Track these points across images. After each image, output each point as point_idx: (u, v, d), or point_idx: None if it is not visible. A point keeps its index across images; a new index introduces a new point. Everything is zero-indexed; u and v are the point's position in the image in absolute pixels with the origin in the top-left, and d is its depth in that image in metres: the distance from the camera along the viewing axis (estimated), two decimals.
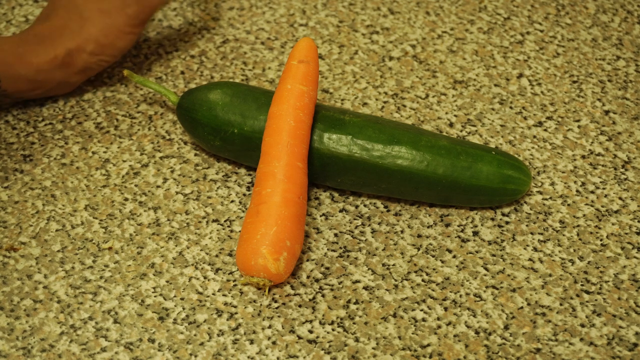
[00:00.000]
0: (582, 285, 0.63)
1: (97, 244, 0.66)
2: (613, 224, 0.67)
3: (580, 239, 0.66)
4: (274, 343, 0.60)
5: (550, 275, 0.64)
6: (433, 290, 0.63)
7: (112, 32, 0.72)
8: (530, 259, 0.65)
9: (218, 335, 0.60)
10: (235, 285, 0.63)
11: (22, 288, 0.63)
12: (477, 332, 0.61)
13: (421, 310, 0.62)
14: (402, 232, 0.67)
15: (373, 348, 0.60)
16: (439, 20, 0.84)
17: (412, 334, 0.61)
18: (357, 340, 0.60)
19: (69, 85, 0.74)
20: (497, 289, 0.63)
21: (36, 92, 0.73)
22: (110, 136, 0.73)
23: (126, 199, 0.69)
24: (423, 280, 0.64)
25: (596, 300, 0.63)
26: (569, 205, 0.68)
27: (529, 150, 0.72)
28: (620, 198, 0.69)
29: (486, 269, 0.64)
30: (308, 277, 0.64)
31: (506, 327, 0.61)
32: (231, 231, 0.67)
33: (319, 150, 0.66)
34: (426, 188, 0.66)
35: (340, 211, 0.68)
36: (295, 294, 0.63)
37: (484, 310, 0.62)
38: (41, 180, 0.70)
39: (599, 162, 0.71)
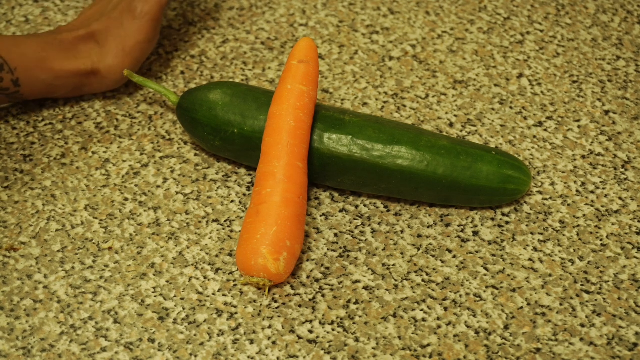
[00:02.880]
0: (582, 285, 0.63)
1: (97, 244, 0.66)
2: (613, 224, 0.67)
3: (580, 239, 0.66)
4: (274, 343, 0.60)
5: (550, 275, 0.64)
6: (433, 290, 0.63)
7: (131, 53, 0.72)
8: (530, 259, 0.65)
9: (218, 335, 0.60)
10: (235, 285, 0.63)
11: (22, 288, 0.63)
12: (477, 332, 0.61)
13: (421, 310, 0.62)
14: (402, 232, 0.67)
15: (373, 348, 0.60)
16: (439, 20, 0.84)
17: (412, 334, 0.61)
18: (357, 340, 0.60)
19: (80, 92, 0.74)
20: (497, 289, 0.63)
21: (50, 95, 0.73)
22: (110, 136, 0.73)
23: (126, 199, 0.69)
24: (423, 280, 0.64)
25: (596, 300, 0.63)
26: (569, 205, 0.68)
27: (529, 150, 0.72)
28: (620, 198, 0.69)
29: (486, 269, 0.64)
30: (308, 277, 0.64)
31: (506, 327, 0.61)
32: (231, 231, 0.67)
33: (319, 150, 0.66)
34: (426, 188, 0.66)
35: (340, 211, 0.68)
36: (295, 294, 0.63)
37: (484, 310, 0.62)
38: (41, 180, 0.70)
39: (599, 162, 0.71)
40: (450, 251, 0.65)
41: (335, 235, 0.66)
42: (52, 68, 0.70)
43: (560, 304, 0.62)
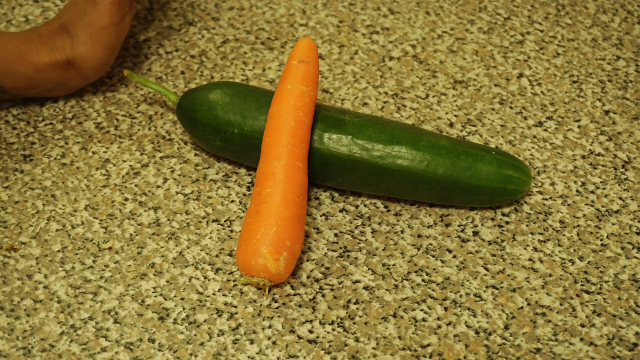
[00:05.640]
0: (582, 285, 0.63)
1: (97, 244, 0.66)
2: (613, 224, 0.67)
3: (580, 239, 0.66)
4: (274, 343, 0.60)
5: (550, 275, 0.64)
6: (433, 290, 0.63)
7: (99, 39, 0.72)
8: (530, 259, 0.65)
9: (218, 335, 0.60)
10: (235, 285, 0.63)
11: (23, 288, 0.63)
12: (477, 332, 0.61)
13: (421, 310, 0.62)
14: (402, 232, 0.67)
15: (373, 348, 0.60)
16: (439, 20, 0.84)
17: (412, 334, 0.61)
18: (357, 340, 0.60)
19: (68, 87, 0.74)
20: (497, 289, 0.63)
21: (35, 91, 0.73)
22: (111, 136, 0.73)
23: (126, 199, 0.69)
24: (423, 280, 0.64)
25: (596, 300, 0.63)
26: (569, 205, 0.68)
27: (529, 150, 0.72)
28: (620, 198, 0.69)
29: (486, 269, 0.64)
30: (308, 277, 0.64)
31: (506, 327, 0.61)
32: (231, 231, 0.67)
33: (319, 150, 0.66)
34: (426, 188, 0.66)
35: (340, 211, 0.68)
36: (295, 294, 0.63)
37: (484, 310, 0.62)
38: (41, 180, 0.70)
39: (599, 162, 0.71)
40: (450, 251, 0.65)
41: (335, 235, 0.66)
42: (32, 61, 0.71)
43: (560, 304, 0.62)
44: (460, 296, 0.63)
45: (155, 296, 0.63)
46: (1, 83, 0.70)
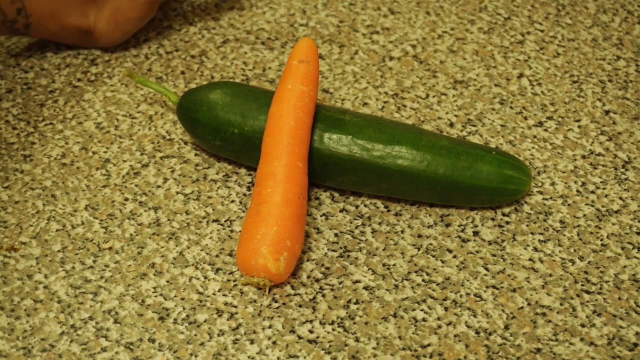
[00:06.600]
0: (582, 285, 0.63)
1: (97, 244, 0.66)
2: (613, 224, 0.67)
3: (580, 239, 0.66)
4: (274, 343, 0.60)
5: (550, 275, 0.64)
6: (433, 290, 0.63)
7: (121, 26, 0.78)
8: (530, 259, 0.65)
9: (218, 335, 0.60)
10: (235, 285, 0.63)
11: (23, 288, 0.63)
12: (477, 332, 0.61)
13: (421, 310, 0.62)
14: (402, 232, 0.67)
15: (373, 348, 0.60)
16: (439, 20, 0.84)
17: (413, 334, 0.61)
18: (357, 340, 0.60)
19: (78, 44, 0.80)
20: (497, 289, 0.63)
21: (49, 38, 0.78)
22: (111, 136, 0.73)
23: (126, 199, 0.69)
24: (423, 280, 0.64)
25: (596, 300, 0.63)
26: (569, 205, 0.68)
27: (529, 150, 0.72)
28: (620, 198, 0.69)
29: (486, 269, 0.64)
30: (308, 277, 0.64)
31: (506, 327, 0.61)
32: (231, 231, 0.67)
33: (319, 150, 0.66)
34: (426, 188, 0.66)
35: (341, 211, 0.68)
36: (295, 294, 0.63)
37: (484, 310, 0.62)
38: (41, 180, 0.70)
39: (599, 162, 0.71)
40: (450, 251, 0.65)
41: (336, 235, 0.66)
42: (61, 21, 0.76)
43: (561, 304, 0.62)
44: (461, 296, 0.63)
45: (155, 296, 0.63)
46: (29, 33, 0.76)
